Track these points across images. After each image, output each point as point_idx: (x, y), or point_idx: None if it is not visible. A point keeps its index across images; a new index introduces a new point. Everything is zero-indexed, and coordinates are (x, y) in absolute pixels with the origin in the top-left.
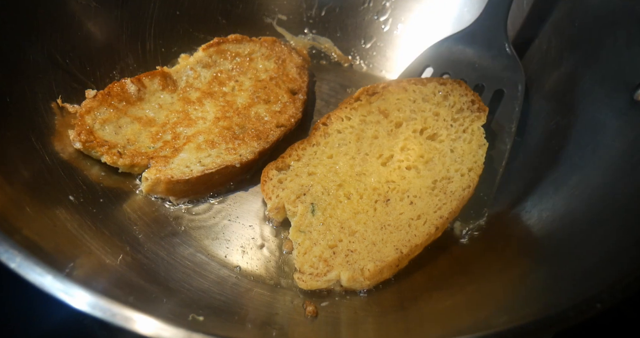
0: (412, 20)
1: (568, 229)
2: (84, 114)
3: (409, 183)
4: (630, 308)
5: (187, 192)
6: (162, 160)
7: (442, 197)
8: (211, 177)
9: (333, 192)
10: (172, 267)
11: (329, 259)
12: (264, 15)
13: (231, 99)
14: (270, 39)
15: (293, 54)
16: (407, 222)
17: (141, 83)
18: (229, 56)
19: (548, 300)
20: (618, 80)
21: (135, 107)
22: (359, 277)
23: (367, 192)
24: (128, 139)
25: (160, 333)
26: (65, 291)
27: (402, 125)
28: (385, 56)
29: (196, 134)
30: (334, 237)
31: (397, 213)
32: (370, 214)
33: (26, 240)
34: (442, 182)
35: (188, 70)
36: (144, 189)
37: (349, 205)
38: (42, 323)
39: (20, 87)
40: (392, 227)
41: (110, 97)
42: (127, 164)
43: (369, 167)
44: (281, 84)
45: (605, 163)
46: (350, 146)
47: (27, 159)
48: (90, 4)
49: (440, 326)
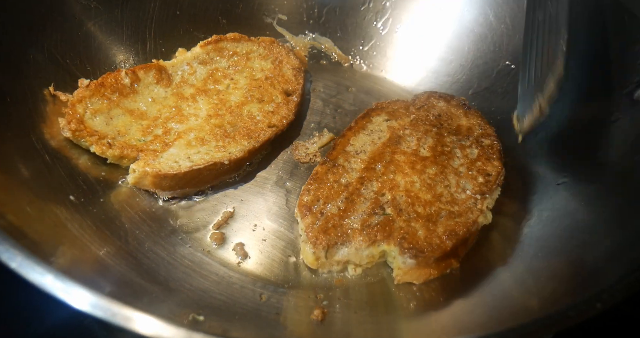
0: (412, 20)
1: (568, 229)
2: (75, 103)
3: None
4: (631, 308)
5: (174, 187)
6: (152, 154)
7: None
8: (199, 173)
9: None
10: (172, 267)
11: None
12: (264, 15)
13: (225, 97)
14: (268, 39)
15: (290, 56)
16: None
17: (135, 75)
18: (226, 54)
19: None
20: (618, 80)
21: (128, 99)
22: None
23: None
24: (118, 131)
25: (160, 333)
26: (65, 291)
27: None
28: (385, 56)
29: (187, 130)
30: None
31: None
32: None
33: (26, 240)
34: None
35: (184, 66)
36: (131, 181)
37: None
38: (42, 323)
39: (20, 87)
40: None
41: (103, 87)
42: (117, 155)
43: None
44: (276, 84)
45: (606, 163)
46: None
47: (27, 159)
48: (90, 4)
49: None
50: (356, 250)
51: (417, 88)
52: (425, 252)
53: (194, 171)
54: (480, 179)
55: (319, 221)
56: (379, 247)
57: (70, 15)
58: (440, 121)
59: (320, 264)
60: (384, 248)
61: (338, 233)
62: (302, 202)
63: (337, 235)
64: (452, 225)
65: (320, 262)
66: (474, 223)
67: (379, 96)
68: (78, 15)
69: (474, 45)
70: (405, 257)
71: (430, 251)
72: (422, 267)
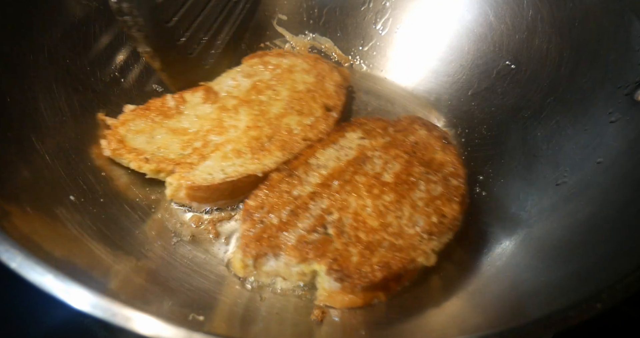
0: (412, 20)
1: (568, 229)
2: (118, 126)
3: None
4: (631, 308)
5: (208, 199)
6: (187, 166)
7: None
8: (233, 185)
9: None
10: (172, 267)
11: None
12: (264, 15)
13: (265, 108)
14: (313, 56)
15: (334, 72)
16: None
17: (182, 98)
18: (270, 67)
19: (548, 300)
20: (618, 80)
21: (173, 120)
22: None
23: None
24: (158, 147)
25: (160, 333)
26: (65, 291)
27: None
28: (385, 56)
29: (225, 142)
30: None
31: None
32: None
33: (26, 240)
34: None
35: (229, 81)
36: (168, 194)
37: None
38: (42, 323)
39: (20, 87)
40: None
41: (148, 111)
42: (153, 169)
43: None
44: (317, 97)
45: (606, 163)
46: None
47: (27, 159)
48: (90, 4)
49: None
50: (286, 265)
51: (417, 88)
52: (352, 277)
53: (227, 183)
54: (434, 219)
55: (255, 229)
56: (310, 266)
57: (70, 15)
58: (414, 149)
59: (247, 272)
60: (316, 268)
61: (271, 244)
62: (246, 205)
63: (269, 246)
64: (388, 258)
65: (248, 270)
66: (412, 261)
67: (378, 96)
68: (78, 15)
69: (474, 45)
70: (331, 279)
71: (358, 278)
72: (347, 293)
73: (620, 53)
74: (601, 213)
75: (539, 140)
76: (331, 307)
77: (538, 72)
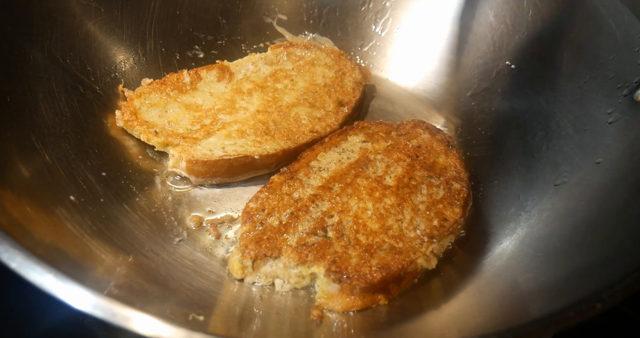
0: (412, 20)
1: (568, 229)
2: (133, 98)
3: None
4: (631, 308)
5: (206, 174)
6: (191, 141)
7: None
8: (229, 164)
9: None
10: (172, 267)
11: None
12: (264, 15)
13: (279, 96)
14: (337, 51)
15: (356, 70)
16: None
17: (197, 75)
18: (293, 58)
19: (548, 300)
20: (618, 80)
21: (187, 95)
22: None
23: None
24: (169, 121)
25: (160, 333)
26: (65, 291)
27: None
28: (385, 56)
29: (232, 122)
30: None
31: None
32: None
33: (26, 240)
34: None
35: (249, 65)
36: (170, 164)
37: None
38: (42, 323)
39: (20, 87)
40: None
41: (164, 85)
42: (161, 142)
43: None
44: (333, 92)
45: (606, 163)
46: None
47: (27, 159)
48: (90, 4)
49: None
50: (284, 267)
51: (417, 88)
52: (350, 278)
53: (223, 161)
54: (436, 222)
55: (255, 231)
56: (309, 268)
57: (70, 15)
58: (417, 152)
59: (245, 274)
60: (315, 270)
61: (271, 246)
62: (247, 207)
63: (268, 248)
64: (387, 260)
65: (246, 271)
66: (412, 263)
67: (379, 96)
68: (78, 15)
69: (474, 45)
70: (330, 280)
71: (356, 279)
72: (346, 295)
73: (620, 53)
74: (601, 213)
75: (539, 140)
76: (330, 309)
77: (538, 72)
